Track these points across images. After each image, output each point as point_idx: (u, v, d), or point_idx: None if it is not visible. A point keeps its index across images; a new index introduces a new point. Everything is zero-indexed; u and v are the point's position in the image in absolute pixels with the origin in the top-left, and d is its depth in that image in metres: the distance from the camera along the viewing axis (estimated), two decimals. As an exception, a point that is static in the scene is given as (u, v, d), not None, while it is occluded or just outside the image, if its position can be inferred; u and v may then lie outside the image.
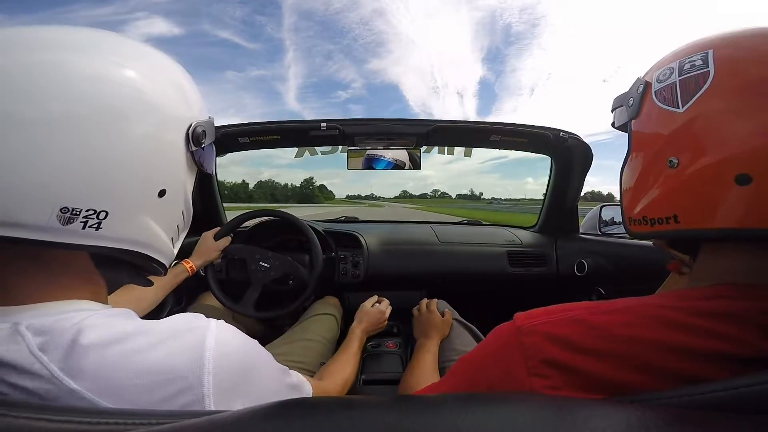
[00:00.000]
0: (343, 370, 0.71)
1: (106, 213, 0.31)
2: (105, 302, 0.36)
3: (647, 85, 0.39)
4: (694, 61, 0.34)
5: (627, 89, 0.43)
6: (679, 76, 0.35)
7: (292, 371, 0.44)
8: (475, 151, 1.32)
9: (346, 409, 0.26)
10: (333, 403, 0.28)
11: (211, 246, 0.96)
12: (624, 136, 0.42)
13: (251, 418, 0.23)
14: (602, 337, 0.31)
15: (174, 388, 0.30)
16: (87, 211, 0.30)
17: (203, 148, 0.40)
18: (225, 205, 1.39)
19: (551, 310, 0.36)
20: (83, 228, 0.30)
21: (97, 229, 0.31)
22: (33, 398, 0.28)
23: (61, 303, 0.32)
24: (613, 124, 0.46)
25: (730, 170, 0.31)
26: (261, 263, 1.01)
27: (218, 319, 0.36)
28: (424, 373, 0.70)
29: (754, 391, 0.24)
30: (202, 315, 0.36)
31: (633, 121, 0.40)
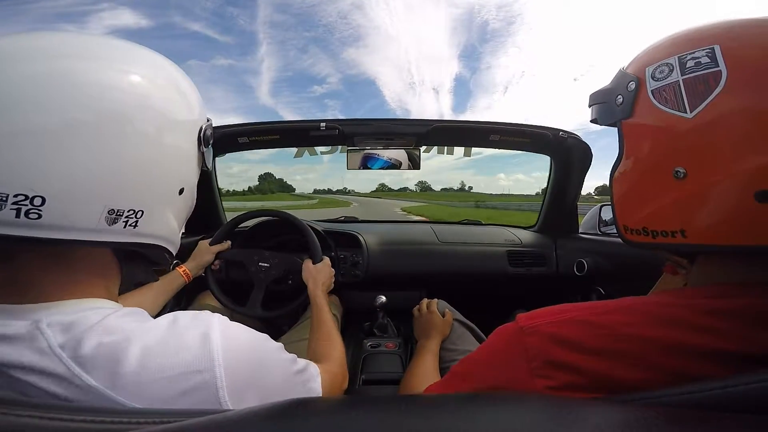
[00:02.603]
0: (333, 343, 0.68)
1: (142, 212, 0.34)
2: (116, 299, 0.38)
3: (640, 81, 0.35)
4: (699, 57, 0.31)
5: (610, 84, 0.39)
6: (682, 75, 0.32)
7: (299, 359, 0.45)
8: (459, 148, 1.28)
9: (346, 409, 0.26)
10: (333, 404, 0.28)
11: (204, 250, 0.97)
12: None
13: (253, 418, 0.23)
14: (606, 336, 0.31)
15: (189, 383, 0.31)
16: (128, 211, 0.33)
17: (210, 148, 0.43)
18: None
19: (553, 311, 0.35)
20: (124, 227, 0.33)
21: (135, 227, 0.34)
22: (51, 395, 0.29)
23: (80, 301, 0.33)
24: (594, 121, 0.42)
25: (749, 186, 0.28)
26: (260, 264, 1.01)
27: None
28: (426, 374, 0.70)
29: (753, 390, 0.24)
30: (207, 311, 0.37)
31: (624, 121, 0.36)
